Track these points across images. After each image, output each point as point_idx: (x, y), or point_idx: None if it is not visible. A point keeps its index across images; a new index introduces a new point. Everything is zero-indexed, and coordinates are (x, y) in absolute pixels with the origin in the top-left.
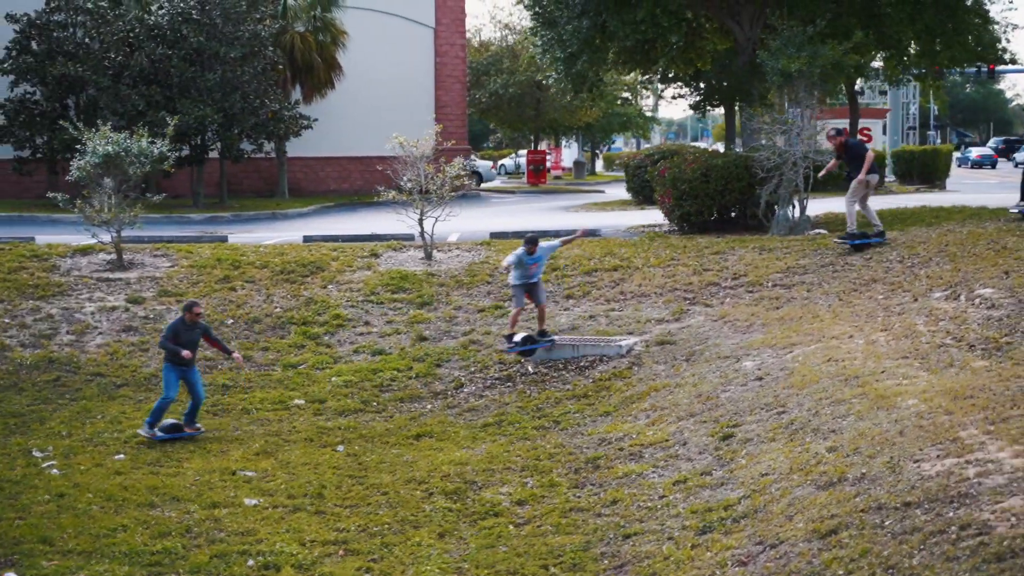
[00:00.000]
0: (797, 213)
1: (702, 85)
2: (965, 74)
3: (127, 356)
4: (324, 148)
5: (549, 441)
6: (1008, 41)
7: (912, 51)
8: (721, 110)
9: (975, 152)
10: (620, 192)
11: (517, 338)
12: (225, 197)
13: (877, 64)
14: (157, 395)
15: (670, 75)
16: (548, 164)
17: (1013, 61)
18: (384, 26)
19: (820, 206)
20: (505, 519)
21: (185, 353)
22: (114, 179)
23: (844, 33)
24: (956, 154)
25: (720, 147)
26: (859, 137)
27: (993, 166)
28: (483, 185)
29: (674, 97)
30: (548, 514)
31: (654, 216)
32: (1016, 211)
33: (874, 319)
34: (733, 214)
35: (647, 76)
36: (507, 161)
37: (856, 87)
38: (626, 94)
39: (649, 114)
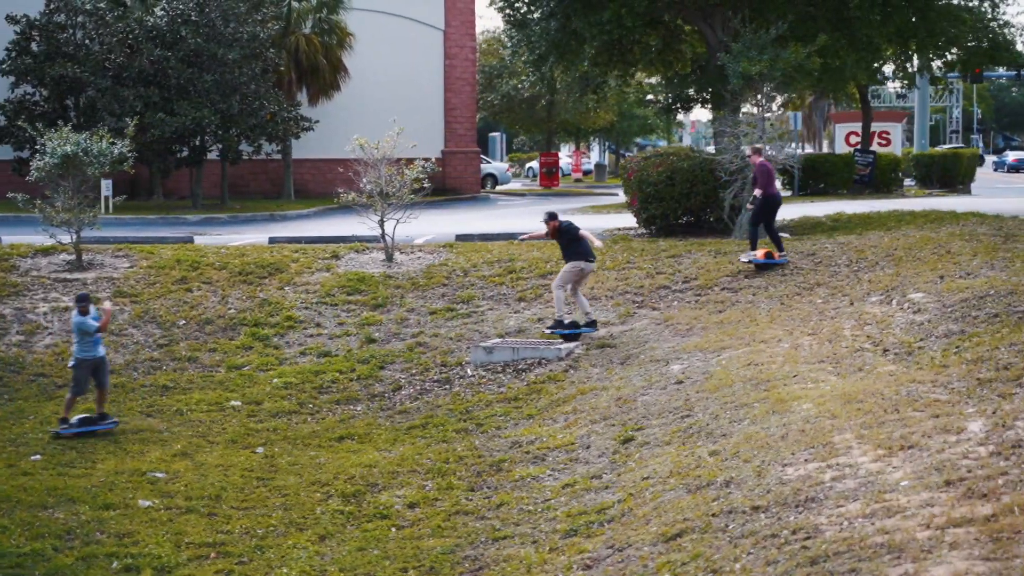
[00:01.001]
0: None
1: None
2: (1009, 77)
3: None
4: (331, 150)
5: (464, 444)
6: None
7: (888, 54)
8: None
9: (1012, 156)
10: None
11: None
12: (226, 198)
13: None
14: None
15: (652, 78)
16: (570, 166)
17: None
18: (392, 28)
19: (797, 210)
20: (391, 522)
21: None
22: (73, 180)
23: (811, 36)
24: (993, 158)
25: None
26: (877, 141)
27: None
28: (498, 188)
29: (647, 101)
30: (433, 517)
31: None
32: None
33: (806, 323)
34: (696, 217)
35: (623, 78)
36: (535, 164)
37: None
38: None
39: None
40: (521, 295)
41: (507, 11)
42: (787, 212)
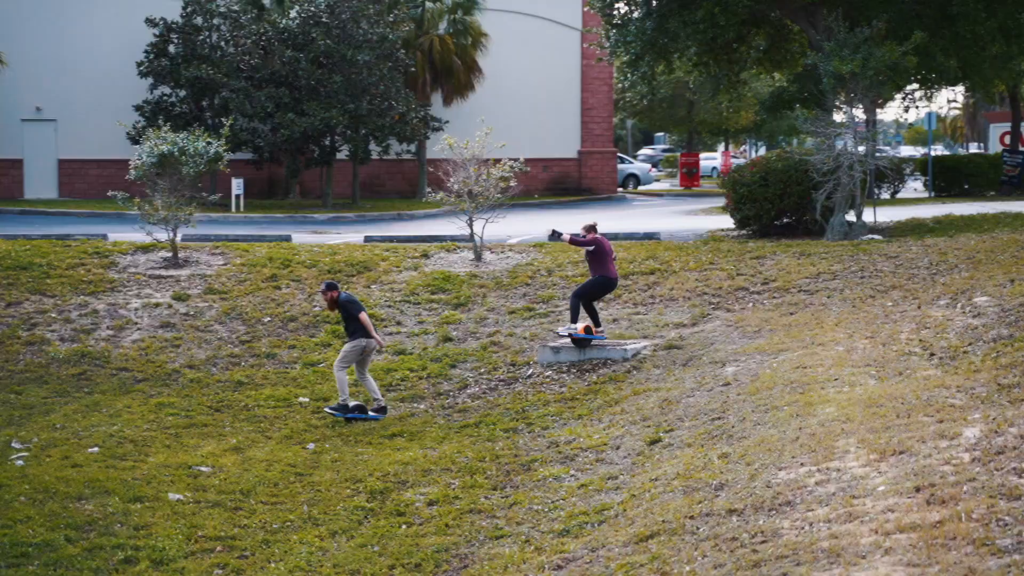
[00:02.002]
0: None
1: (775, 87)
2: None
3: (157, 352)
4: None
5: (506, 443)
6: None
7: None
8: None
9: None
10: None
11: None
12: (356, 197)
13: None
14: (174, 391)
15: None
16: (718, 166)
17: None
18: (528, 28)
19: (904, 212)
20: (404, 519)
21: None
22: (170, 178)
23: (909, 34)
24: None
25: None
26: None
27: None
28: (640, 188)
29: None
30: (446, 515)
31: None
32: None
33: (869, 326)
34: (793, 218)
35: (729, 77)
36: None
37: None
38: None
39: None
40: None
41: (605, 11)
42: (901, 213)
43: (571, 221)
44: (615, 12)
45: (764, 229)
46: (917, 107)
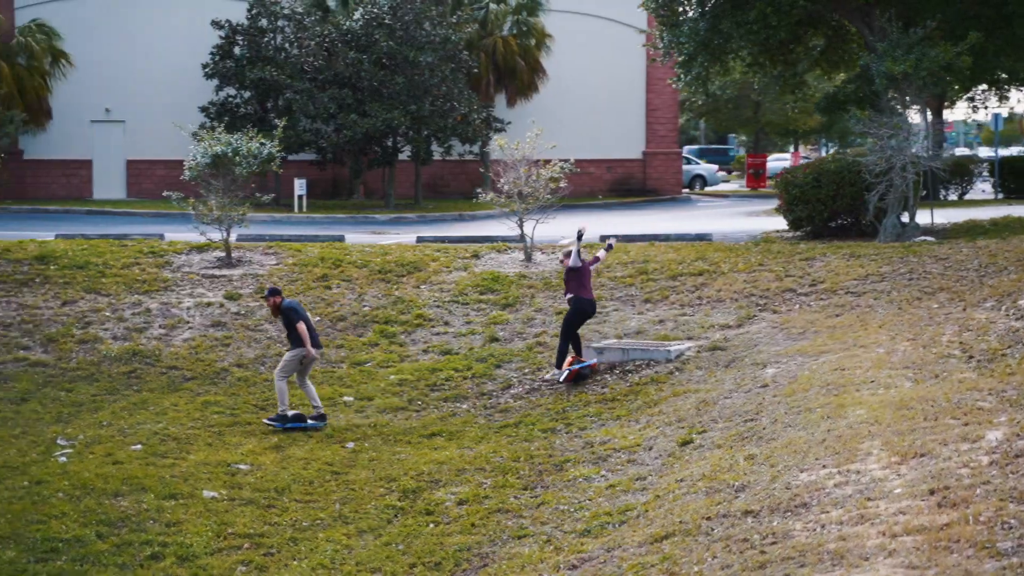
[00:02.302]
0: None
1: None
2: None
3: (207, 351)
4: (539, 150)
5: (543, 443)
6: None
7: None
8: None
9: None
10: None
11: None
12: (419, 198)
13: None
14: (221, 389)
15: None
16: (787, 166)
17: None
18: (592, 29)
19: (964, 214)
20: (433, 518)
21: None
22: (224, 179)
23: (964, 35)
24: None
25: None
26: None
27: None
28: (706, 189)
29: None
30: (474, 515)
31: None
32: None
33: (912, 328)
34: (848, 220)
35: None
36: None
37: None
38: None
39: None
40: (648, 296)
41: (659, 12)
42: (961, 214)
43: (632, 222)
44: (669, 12)
45: (818, 230)
46: (986, 107)
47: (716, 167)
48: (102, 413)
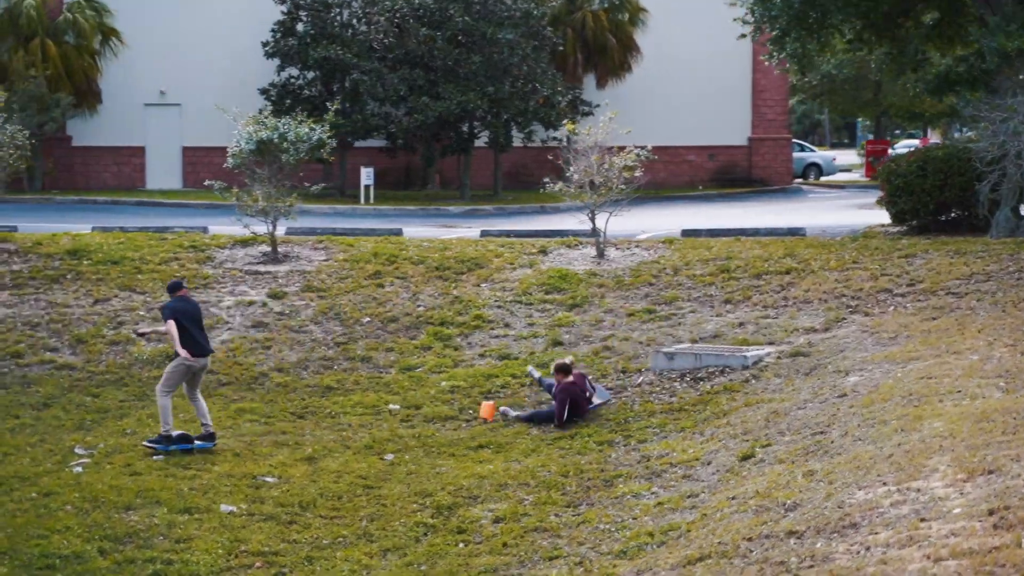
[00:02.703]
0: None
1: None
2: None
3: (246, 353)
4: (621, 136)
5: (596, 457)
6: None
7: None
8: None
9: None
10: None
11: None
12: (498, 188)
13: None
14: (258, 395)
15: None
16: None
17: None
18: (692, 2)
19: None
20: (464, 537)
21: None
22: (269, 167)
23: None
24: None
25: None
26: None
27: None
28: (822, 179)
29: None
30: (508, 534)
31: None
32: None
33: (1014, 333)
34: (959, 213)
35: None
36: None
37: None
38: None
39: None
40: (728, 297)
41: None
42: None
43: (735, 214)
44: None
45: (924, 224)
46: None
47: (833, 155)
48: (127, 420)
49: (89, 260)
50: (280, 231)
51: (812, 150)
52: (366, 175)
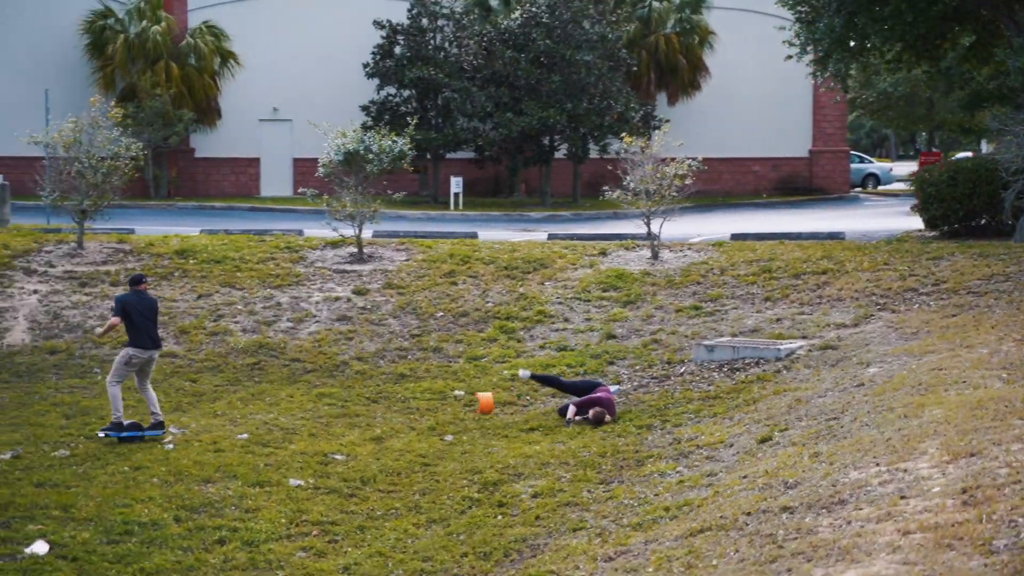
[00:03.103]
0: None
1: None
2: None
3: (331, 344)
4: (692, 149)
5: (633, 439)
6: None
7: None
8: None
9: None
10: None
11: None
12: (577, 196)
13: None
14: (338, 381)
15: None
16: None
17: None
18: (756, 26)
19: None
20: (502, 511)
21: None
22: (356, 176)
23: None
24: None
25: None
26: None
27: None
28: (879, 188)
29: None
30: (543, 508)
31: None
32: None
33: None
34: (987, 219)
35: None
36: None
37: None
38: None
39: None
40: (768, 295)
41: (798, 8)
42: None
43: (792, 220)
44: (808, 8)
45: (955, 230)
46: None
47: (891, 166)
48: (219, 403)
49: (195, 259)
50: (367, 234)
51: (871, 161)
52: (455, 184)
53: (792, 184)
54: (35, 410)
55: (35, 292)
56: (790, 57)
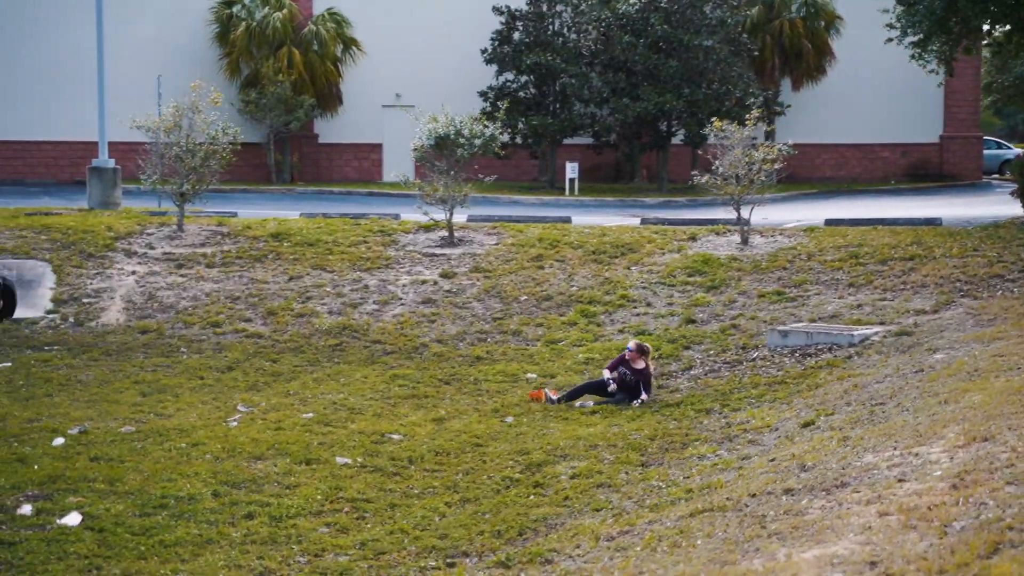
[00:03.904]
0: None
1: None
2: None
3: (413, 326)
4: (819, 134)
5: (686, 423)
6: None
7: None
8: None
9: None
10: None
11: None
12: (693, 182)
13: None
14: (414, 363)
15: None
16: None
17: None
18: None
19: None
20: (537, 491)
21: None
22: (447, 160)
23: None
24: None
25: None
26: None
27: None
28: None
29: None
30: (575, 488)
31: None
32: None
33: None
34: None
35: None
36: None
37: None
38: None
39: None
40: (852, 280)
41: None
42: None
43: (912, 206)
44: None
45: None
46: None
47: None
48: (294, 383)
49: (289, 242)
50: (462, 218)
51: (1009, 147)
52: (571, 169)
53: (922, 170)
54: (114, 387)
55: (133, 273)
56: (890, 40)
